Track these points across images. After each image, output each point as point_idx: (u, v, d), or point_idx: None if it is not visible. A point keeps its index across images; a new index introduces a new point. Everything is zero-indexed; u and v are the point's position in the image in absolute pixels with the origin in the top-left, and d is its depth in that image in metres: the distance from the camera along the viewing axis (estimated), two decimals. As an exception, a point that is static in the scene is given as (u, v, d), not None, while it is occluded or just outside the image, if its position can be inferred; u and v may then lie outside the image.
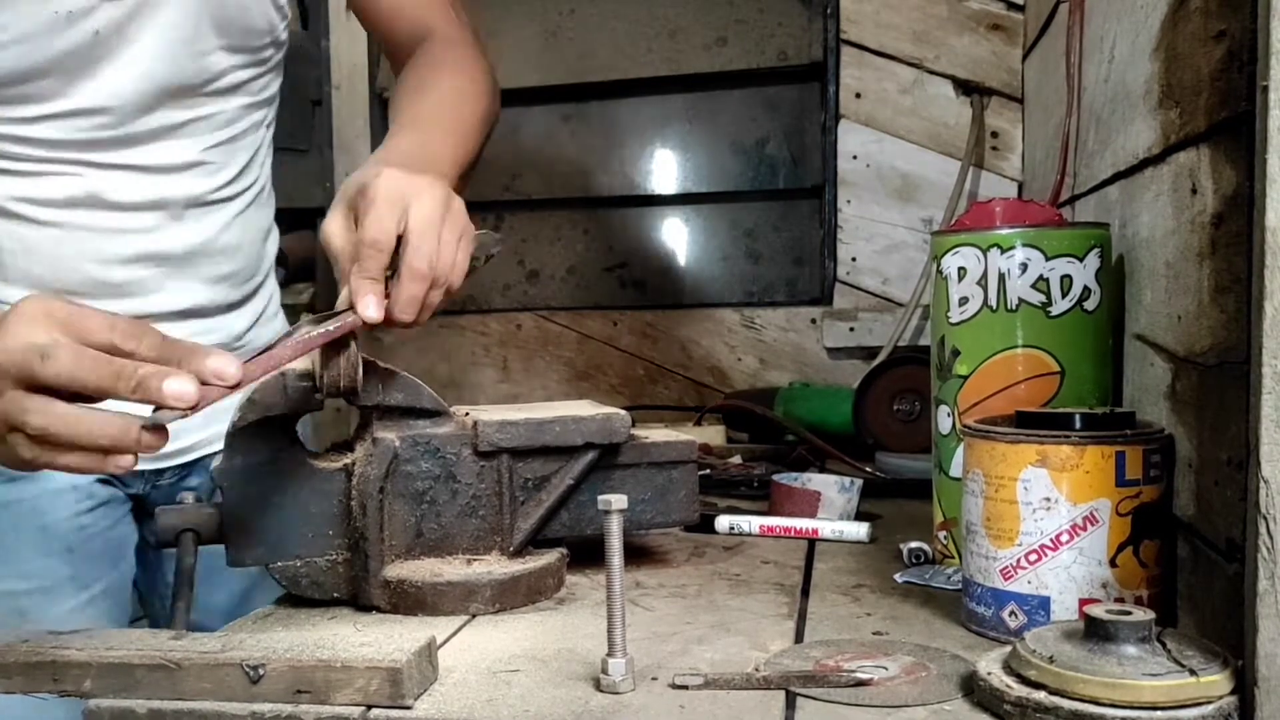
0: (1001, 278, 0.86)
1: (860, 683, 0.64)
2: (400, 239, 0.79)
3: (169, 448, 0.88)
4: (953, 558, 0.90)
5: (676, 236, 2.00)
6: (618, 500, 0.65)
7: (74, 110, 0.95)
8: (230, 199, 1.07)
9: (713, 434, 1.57)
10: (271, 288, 1.20)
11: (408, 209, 0.79)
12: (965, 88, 1.71)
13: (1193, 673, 0.56)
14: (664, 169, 1.98)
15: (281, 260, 1.91)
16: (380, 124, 1.97)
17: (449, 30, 1.12)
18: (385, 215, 0.78)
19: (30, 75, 0.93)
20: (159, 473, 1.09)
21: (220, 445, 0.89)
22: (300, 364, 0.80)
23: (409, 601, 0.79)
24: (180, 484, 1.09)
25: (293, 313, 1.48)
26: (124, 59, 0.95)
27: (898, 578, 0.89)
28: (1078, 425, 0.73)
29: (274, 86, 1.11)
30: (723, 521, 1.05)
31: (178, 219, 1.02)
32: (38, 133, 0.95)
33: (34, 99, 0.94)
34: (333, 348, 0.77)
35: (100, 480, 1.05)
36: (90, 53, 0.94)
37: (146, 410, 0.67)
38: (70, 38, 0.92)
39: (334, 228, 0.82)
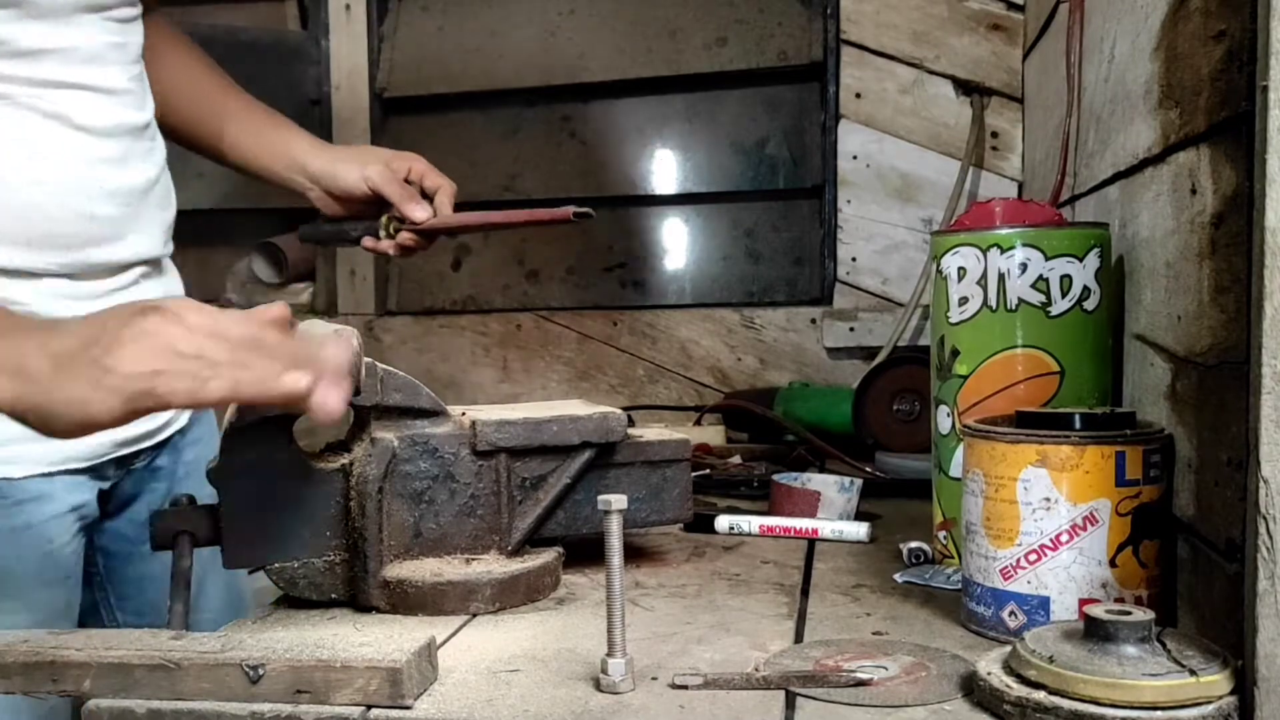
0: (1001, 278, 0.86)
1: (860, 683, 0.64)
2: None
3: (146, 426, 1.08)
4: (952, 558, 0.90)
5: (676, 236, 2.00)
6: (618, 500, 0.65)
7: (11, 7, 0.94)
8: (156, 137, 1.10)
9: (712, 434, 1.57)
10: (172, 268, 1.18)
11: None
12: (965, 88, 1.71)
13: (1193, 673, 0.56)
14: (664, 169, 1.98)
15: (278, 260, 1.92)
16: (380, 123, 1.97)
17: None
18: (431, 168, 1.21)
19: None
20: (134, 456, 1.06)
21: (180, 424, 1.13)
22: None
23: (409, 601, 0.79)
24: (150, 467, 1.09)
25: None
26: None
27: (897, 578, 0.89)
28: (1078, 425, 0.73)
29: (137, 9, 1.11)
30: (722, 521, 1.05)
31: (136, 146, 1.05)
32: None
33: None
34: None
35: (94, 476, 1.03)
36: None
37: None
38: None
39: (378, 172, 1.18)
